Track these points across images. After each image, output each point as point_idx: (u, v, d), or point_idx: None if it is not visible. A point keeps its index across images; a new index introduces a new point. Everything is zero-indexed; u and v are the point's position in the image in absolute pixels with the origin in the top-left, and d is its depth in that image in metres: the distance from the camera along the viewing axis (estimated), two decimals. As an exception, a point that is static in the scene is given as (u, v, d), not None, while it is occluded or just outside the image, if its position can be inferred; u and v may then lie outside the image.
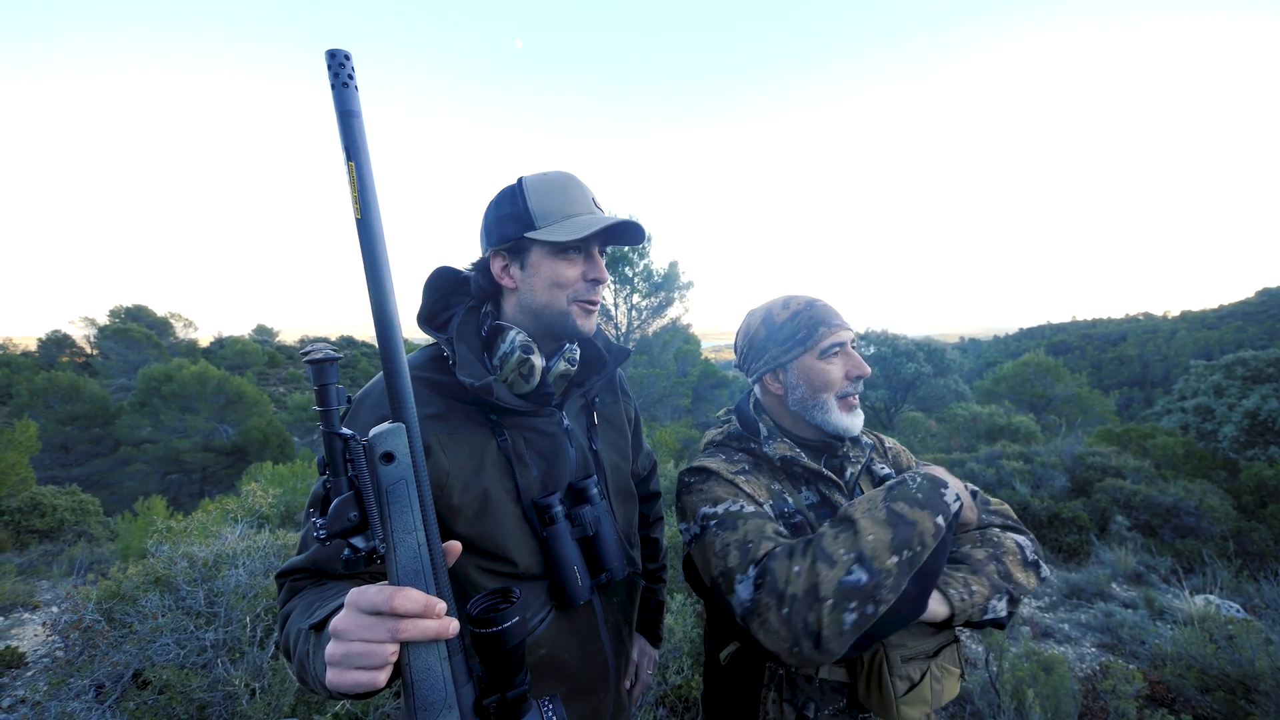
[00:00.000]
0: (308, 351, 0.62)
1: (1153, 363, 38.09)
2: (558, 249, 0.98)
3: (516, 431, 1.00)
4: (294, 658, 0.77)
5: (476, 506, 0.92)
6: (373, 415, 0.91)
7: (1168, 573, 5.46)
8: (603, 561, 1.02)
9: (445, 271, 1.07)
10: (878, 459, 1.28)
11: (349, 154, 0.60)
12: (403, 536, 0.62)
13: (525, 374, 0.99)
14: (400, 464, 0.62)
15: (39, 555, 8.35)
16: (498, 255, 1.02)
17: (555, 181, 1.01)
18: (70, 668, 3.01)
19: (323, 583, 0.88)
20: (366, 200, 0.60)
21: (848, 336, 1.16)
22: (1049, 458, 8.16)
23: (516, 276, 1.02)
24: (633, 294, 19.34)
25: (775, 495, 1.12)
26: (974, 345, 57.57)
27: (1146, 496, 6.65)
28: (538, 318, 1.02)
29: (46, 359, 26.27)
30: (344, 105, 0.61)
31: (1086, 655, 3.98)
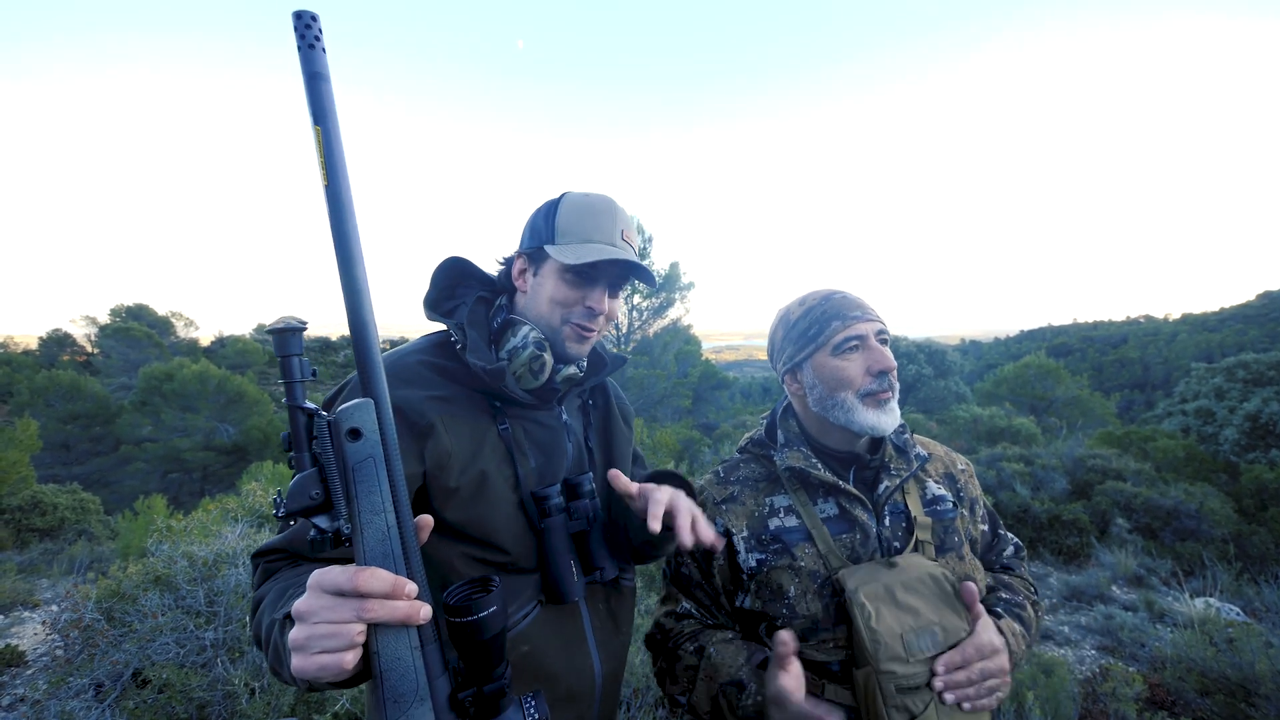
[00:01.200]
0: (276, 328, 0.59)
1: (1154, 365, 38.03)
2: (564, 268, 0.99)
3: (517, 422, 1.01)
4: (268, 648, 0.74)
5: (473, 489, 0.91)
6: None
7: (1168, 575, 5.45)
8: (594, 559, 1.00)
9: (455, 262, 1.07)
10: (934, 477, 1.16)
11: (316, 118, 0.58)
12: (370, 517, 0.59)
13: (535, 370, 0.99)
14: (368, 441, 0.59)
15: (39, 554, 8.36)
16: (521, 257, 1.05)
17: (589, 205, 1.02)
18: (70, 666, 3.01)
19: (299, 565, 0.85)
20: (334, 166, 0.59)
21: (867, 329, 1.08)
22: (1049, 460, 8.15)
23: (529, 283, 1.04)
24: (633, 294, 19.34)
25: (757, 521, 1.10)
26: (975, 347, 57.53)
27: (1147, 499, 6.64)
28: (536, 325, 1.03)
29: (47, 358, 26.29)
30: (311, 67, 0.59)
31: (1086, 658, 3.97)
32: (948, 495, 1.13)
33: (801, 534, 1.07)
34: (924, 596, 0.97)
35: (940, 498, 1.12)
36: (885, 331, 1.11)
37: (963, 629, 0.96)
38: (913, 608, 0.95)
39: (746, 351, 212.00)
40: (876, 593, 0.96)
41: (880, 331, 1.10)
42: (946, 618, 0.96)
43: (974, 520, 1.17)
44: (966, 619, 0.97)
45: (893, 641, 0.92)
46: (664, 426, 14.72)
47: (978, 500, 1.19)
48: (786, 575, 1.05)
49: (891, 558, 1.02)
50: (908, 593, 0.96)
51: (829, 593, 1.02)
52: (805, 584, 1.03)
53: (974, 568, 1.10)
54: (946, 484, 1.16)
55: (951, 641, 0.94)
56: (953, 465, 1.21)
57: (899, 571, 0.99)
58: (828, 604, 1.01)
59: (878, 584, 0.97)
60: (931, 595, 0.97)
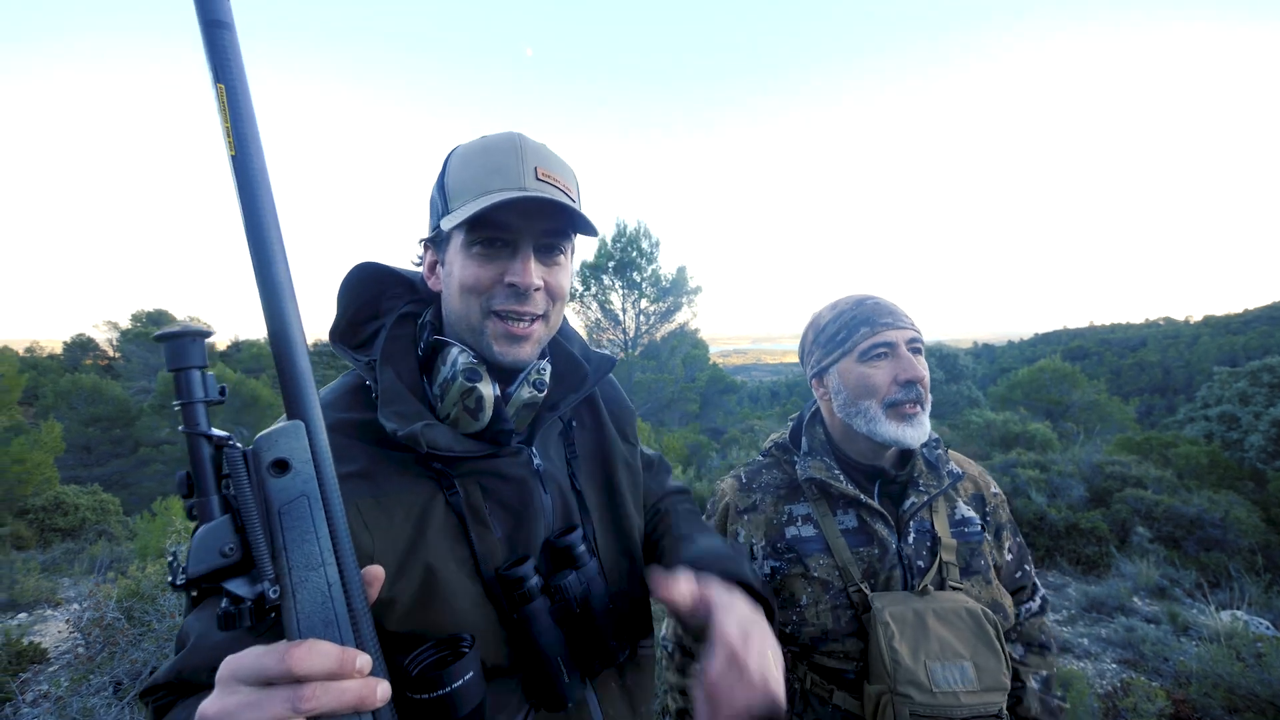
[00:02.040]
0: (167, 333, 0.46)
1: (1174, 369, 37.30)
2: (469, 238, 0.73)
3: (471, 480, 0.75)
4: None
5: (418, 592, 0.68)
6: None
7: (1192, 587, 5.32)
8: (599, 642, 0.76)
9: (369, 269, 0.81)
10: (964, 498, 1.11)
11: (217, 74, 0.46)
12: (304, 574, 0.46)
13: (472, 408, 0.74)
14: (298, 475, 0.47)
15: (61, 553, 8.52)
16: (427, 249, 0.81)
17: (481, 147, 0.76)
18: (91, 664, 3.06)
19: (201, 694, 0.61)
20: (242, 133, 0.47)
21: (898, 337, 1.04)
22: (1066, 466, 8.01)
23: (441, 277, 0.80)
24: (640, 299, 19.36)
25: (775, 529, 1.09)
26: (988, 351, 56.80)
27: (1169, 507, 6.50)
28: (461, 335, 0.78)
29: (71, 361, 26.86)
30: (210, 14, 0.47)
31: (1107, 671, 3.89)
32: (976, 518, 1.10)
33: (818, 544, 1.05)
34: (958, 630, 0.93)
35: (969, 519, 1.09)
36: (918, 340, 1.06)
37: (1001, 673, 0.91)
38: (943, 639, 0.92)
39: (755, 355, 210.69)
40: (903, 616, 0.94)
41: (913, 340, 1.06)
42: (982, 656, 0.91)
43: (999, 547, 1.13)
44: (1006, 663, 0.92)
45: (914, 665, 0.90)
46: (671, 431, 14.69)
47: (1004, 528, 1.14)
48: (799, 584, 1.04)
49: (925, 587, 0.99)
50: (939, 622, 0.94)
51: (845, 605, 1.01)
52: (818, 594, 1.03)
53: (1001, 594, 1.06)
54: (975, 505, 1.12)
55: (987, 683, 0.89)
56: (985, 488, 1.16)
57: (932, 600, 0.97)
58: (841, 616, 1.00)
59: (906, 608, 0.95)
60: (967, 631, 0.94)
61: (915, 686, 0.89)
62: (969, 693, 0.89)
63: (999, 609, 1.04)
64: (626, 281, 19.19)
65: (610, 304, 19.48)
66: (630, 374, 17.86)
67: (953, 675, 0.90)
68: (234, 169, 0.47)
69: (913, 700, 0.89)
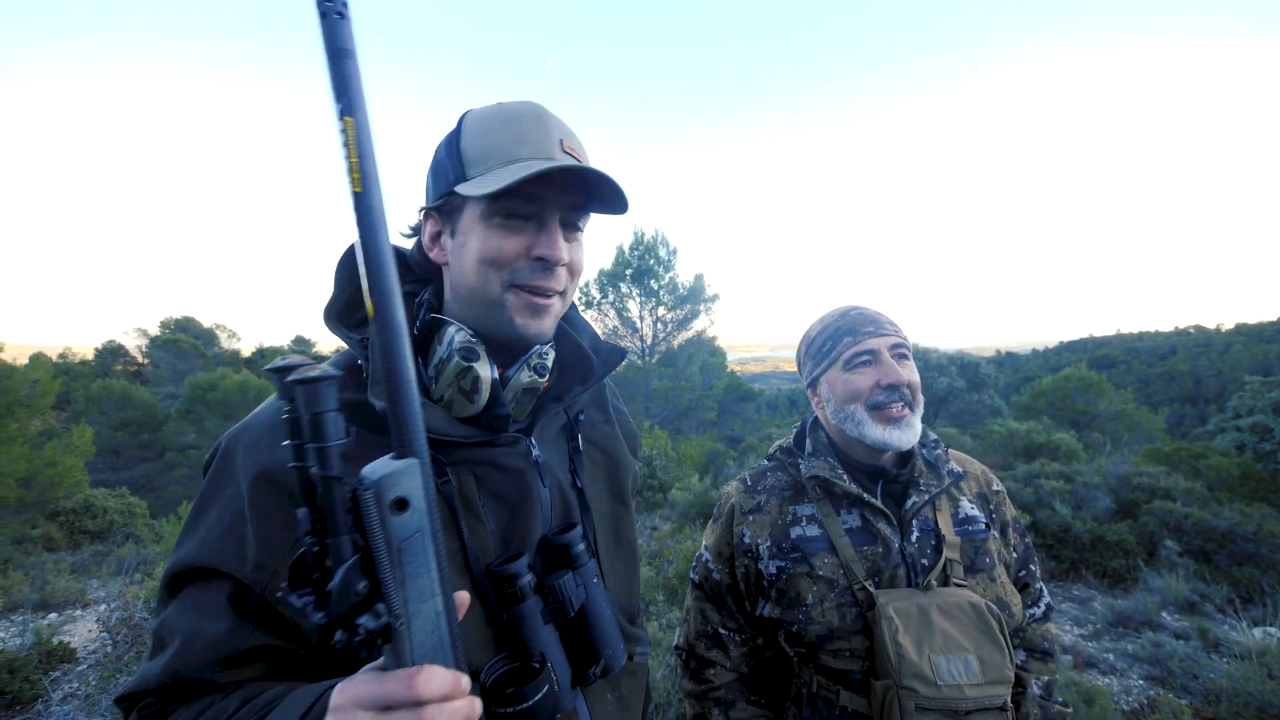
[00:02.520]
0: (284, 367, 0.45)
1: (1206, 378, 36.24)
2: (495, 207, 0.69)
3: (464, 468, 0.72)
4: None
5: None
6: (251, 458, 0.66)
7: (1223, 602, 5.15)
8: (595, 648, 0.73)
9: None
10: (968, 496, 1.14)
11: (345, 109, 0.44)
12: (419, 605, 0.48)
13: (468, 390, 0.71)
14: (415, 511, 0.48)
15: (90, 555, 8.76)
16: (429, 217, 0.76)
17: (504, 113, 0.72)
18: (119, 663, 3.15)
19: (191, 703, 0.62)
20: (367, 170, 0.45)
21: (879, 344, 1.08)
22: (1092, 477, 7.82)
23: (447, 248, 0.75)
24: (658, 306, 19.41)
25: (780, 529, 1.12)
26: (1011, 359, 55.75)
27: (1199, 520, 6.31)
28: (472, 309, 0.75)
29: (102, 367, 27.69)
30: (336, 42, 0.45)
31: (1133, 688, 3.78)
32: (980, 516, 1.12)
33: (823, 543, 1.07)
34: (961, 624, 0.95)
35: (973, 518, 1.11)
36: (903, 345, 1.10)
37: (1005, 666, 0.92)
38: (947, 632, 0.94)
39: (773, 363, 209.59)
40: (907, 610, 0.96)
41: (896, 345, 1.10)
42: (986, 650, 0.93)
43: (1005, 544, 1.15)
44: (1009, 656, 0.94)
45: (918, 659, 0.91)
46: (689, 439, 14.64)
47: (1009, 525, 1.17)
48: (804, 583, 1.06)
49: (928, 583, 1.01)
50: (943, 617, 0.95)
51: (850, 602, 1.02)
52: (823, 592, 1.04)
53: (1007, 592, 1.07)
54: (979, 504, 1.14)
55: (991, 676, 0.91)
56: (987, 485, 1.19)
57: (935, 595, 0.98)
58: (846, 614, 1.02)
59: (910, 603, 0.96)
60: (970, 624, 0.95)
61: (920, 680, 0.90)
62: (973, 685, 0.90)
63: (1004, 606, 1.04)
64: (644, 289, 19.26)
65: (628, 312, 19.57)
66: (647, 382, 17.88)
67: (957, 668, 0.91)
68: (356, 206, 0.46)
69: (918, 693, 0.90)
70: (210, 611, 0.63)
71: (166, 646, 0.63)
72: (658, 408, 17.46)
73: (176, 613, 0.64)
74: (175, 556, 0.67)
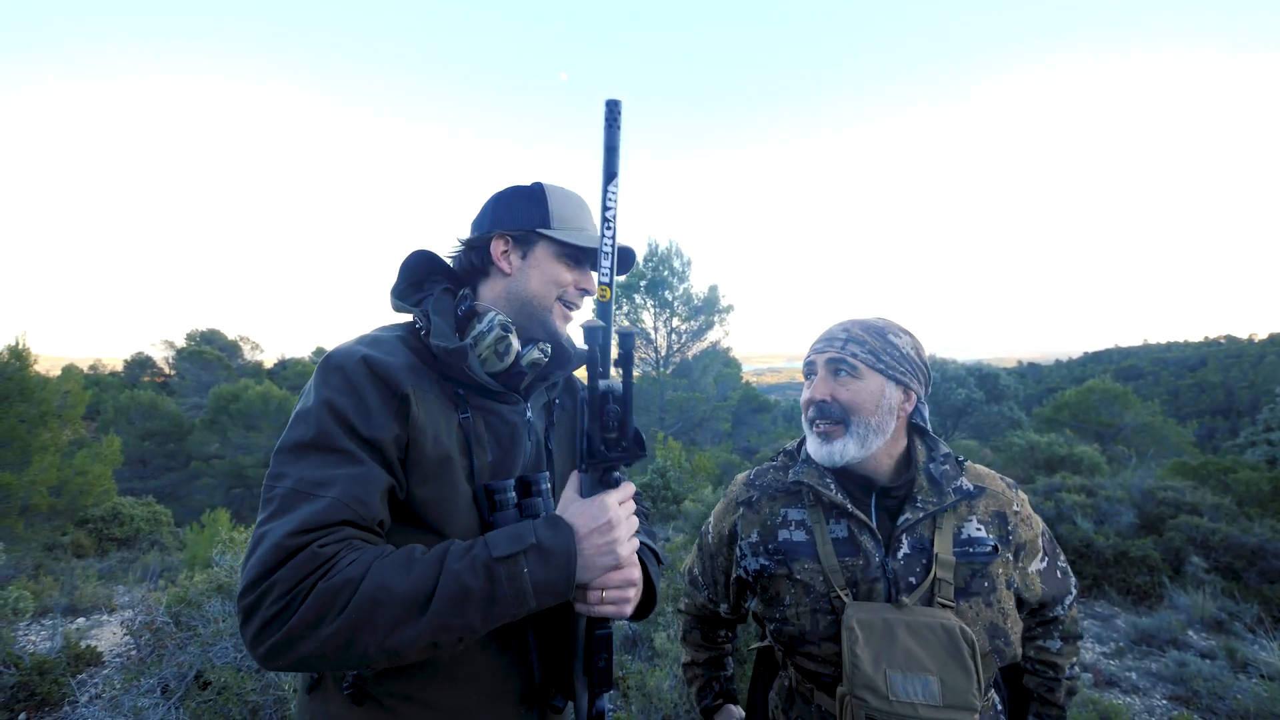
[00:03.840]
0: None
1: (1238, 390, 35.11)
2: (565, 251, 1.03)
3: (479, 413, 0.99)
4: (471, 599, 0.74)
5: (439, 468, 0.90)
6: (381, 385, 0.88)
7: (1253, 621, 4.99)
8: None
9: (422, 255, 1.08)
10: (980, 515, 1.08)
11: (606, 225, 0.87)
12: None
13: (500, 352, 0.99)
14: None
15: (117, 562, 8.98)
16: (501, 238, 1.04)
17: (573, 198, 1.08)
18: (142, 666, 3.24)
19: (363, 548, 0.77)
20: (614, 284, 0.73)
21: (817, 358, 1.12)
22: (1115, 491, 7.64)
23: (514, 264, 1.04)
24: (672, 317, 19.45)
25: (768, 529, 1.15)
26: (1034, 370, 54.60)
27: (1227, 536, 6.12)
28: (522, 308, 1.05)
29: (131, 379, 28.49)
30: (611, 169, 0.87)
31: (1156, 708, 3.68)
32: (988, 538, 1.06)
33: (807, 550, 1.09)
34: (928, 645, 0.94)
35: (978, 539, 1.06)
36: (842, 361, 1.08)
37: (969, 693, 0.91)
38: (909, 650, 0.94)
39: (789, 374, 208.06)
40: (871, 623, 0.97)
41: (834, 361, 1.09)
42: (950, 673, 0.92)
43: (1019, 566, 1.10)
44: (978, 683, 0.92)
45: (873, 672, 0.92)
46: (703, 450, 14.59)
47: (1027, 546, 1.12)
48: (784, 585, 1.09)
49: (902, 601, 1.00)
50: (910, 634, 0.95)
51: (825, 609, 1.04)
52: (799, 596, 1.07)
53: (1005, 617, 1.04)
54: (995, 524, 1.09)
55: (951, 700, 0.90)
56: (1007, 505, 1.11)
57: (907, 613, 0.98)
58: (820, 620, 1.03)
59: (877, 617, 0.97)
60: (938, 646, 0.94)
61: (871, 691, 0.91)
62: (929, 706, 0.90)
63: (999, 633, 1.01)
64: (658, 300, 19.34)
65: (642, 322, 19.65)
66: (662, 393, 17.87)
67: (914, 687, 0.91)
68: (600, 311, 0.76)
69: (868, 704, 0.91)
70: (352, 462, 0.82)
71: (321, 492, 0.77)
72: (672, 419, 17.44)
73: (317, 464, 0.80)
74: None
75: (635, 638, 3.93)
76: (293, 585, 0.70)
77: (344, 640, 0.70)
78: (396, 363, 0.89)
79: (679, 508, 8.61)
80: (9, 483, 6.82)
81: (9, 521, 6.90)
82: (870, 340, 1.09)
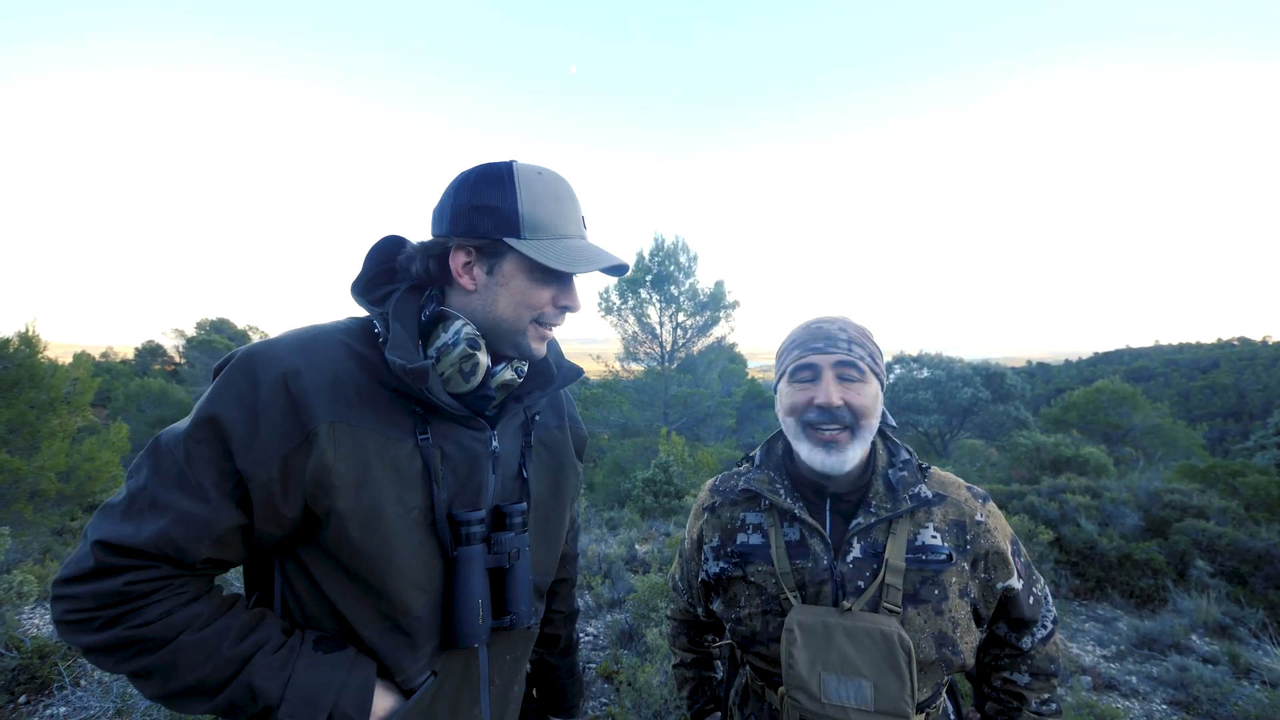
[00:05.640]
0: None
1: (1250, 392, 34.66)
2: (541, 270, 0.85)
3: (436, 439, 0.85)
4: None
5: (364, 515, 0.78)
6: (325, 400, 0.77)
7: (1257, 627, 4.93)
8: (508, 602, 0.88)
9: (393, 242, 0.92)
10: (937, 522, 1.05)
11: None
12: None
13: (466, 372, 0.85)
14: None
15: (123, 547, 9.08)
16: (462, 249, 0.86)
17: (552, 189, 0.86)
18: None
19: (181, 586, 0.74)
20: None
21: (823, 361, 1.03)
22: (1120, 493, 7.56)
23: (480, 280, 0.87)
24: (678, 313, 19.39)
25: (728, 533, 1.16)
26: (1043, 370, 54.07)
27: (1233, 540, 6.05)
28: (490, 329, 0.89)
29: (141, 367, 28.83)
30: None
31: (1156, 713, 3.64)
32: (944, 546, 1.03)
33: (762, 552, 1.09)
34: (864, 650, 0.94)
35: (932, 547, 1.03)
36: (851, 365, 1.03)
37: (901, 699, 0.91)
38: (845, 654, 0.94)
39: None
40: (810, 626, 0.97)
41: (842, 364, 1.03)
42: (884, 679, 0.92)
43: (976, 576, 1.05)
44: (911, 690, 0.91)
45: (807, 674, 0.94)
46: (707, 446, 14.58)
47: (989, 557, 1.06)
48: (740, 587, 1.11)
49: (847, 606, 0.98)
50: (847, 640, 0.95)
51: (775, 611, 1.05)
52: (753, 598, 1.08)
53: (956, 627, 1.01)
54: (952, 532, 1.05)
55: (883, 706, 0.91)
56: (969, 514, 1.08)
57: (848, 618, 0.97)
58: (770, 622, 1.05)
59: (817, 620, 0.98)
60: (874, 652, 0.93)
61: (804, 693, 0.94)
62: (861, 711, 0.91)
63: (946, 641, 0.99)
64: (664, 295, 19.27)
65: (647, 318, 19.59)
66: (666, 388, 17.86)
67: (847, 690, 0.92)
68: None
69: (802, 705, 0.95)
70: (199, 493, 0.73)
71: (151, 515, 0.71)
72: (676, 414, 17.43)
73: (158, 482, 0.72)
74: None
75: (630, 631, 3.93)
76: (94, 609, 0.69)
77: (130, 675, 0.71)
78: (322, 382, 0.76)
79: (680, 503, 8.62)
80: (18, 468, 6.92)
81: (18, 506, 7.00)
82: (867, 342, 1.08)
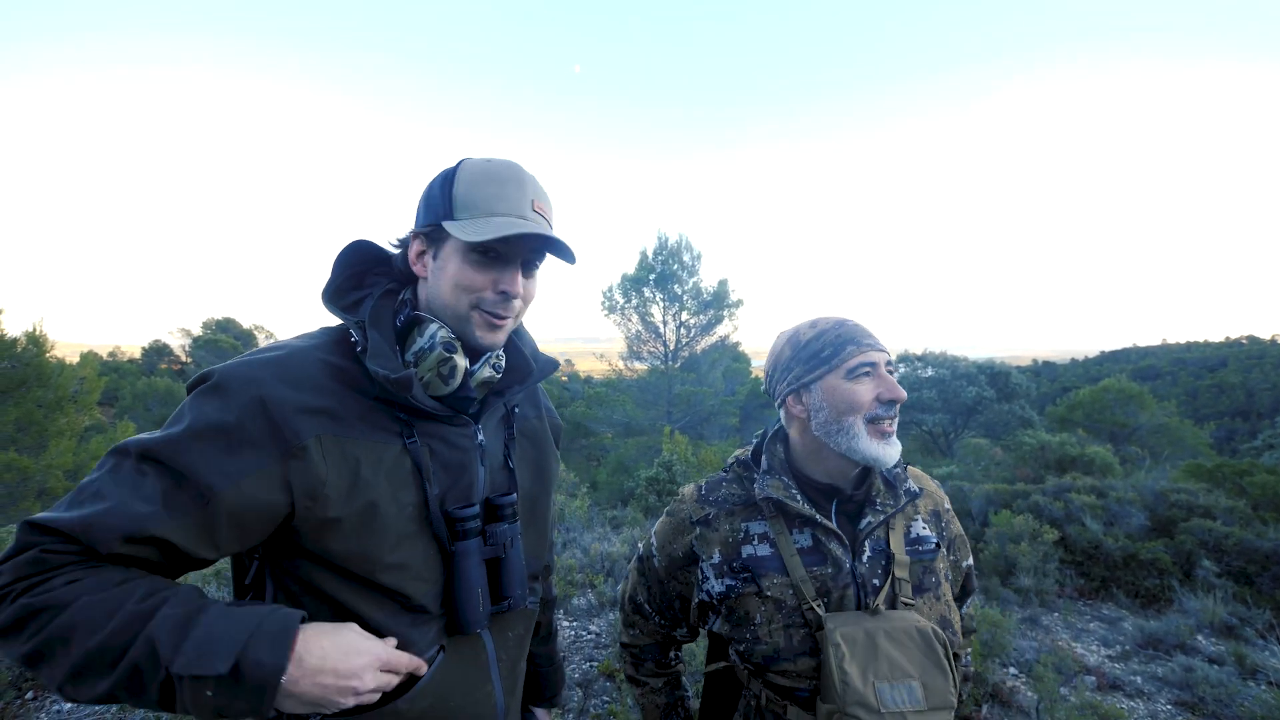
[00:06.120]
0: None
1: (1259, 391, 34.36)
2: (468, 247, 0.86)
3: (424, 439, 0.88)
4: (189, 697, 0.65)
5: (359, 520, 0.80)
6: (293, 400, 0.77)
7: (1264, 627, 4.89)
8: (504, 587, 0.93)
9: (362, 246, 0.93)
10: (923, 515, 1.13)
11: None
12: None
13: (445, 375, 0.87)
14: None
15: (130, 545, 9.14)
16: (417, 238, 0.91)
17: (491, 172, 0.88)
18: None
19: (93, 566, 0.69)
20: None
21: (880, 358, 1.05)
22: (1126, 493, 7.51)
23: (429, 267, 0.91)
24: (681, 311, 19.38)
25: (731, 546, 1.10)
26: (1049, 368, 53.76)
27: (1240, 540, 6.00)
28: (439, 316, 0.91)
29: (148, 366, 28.98)
30: None
31: (1160, 713, 3.62)
32: (932, 535, 1.11)
33: (774, 563, 1.05)
34: (907, 650, 0.94)
35: (924, 538, 1.10)
36: (894, 364, 1.10)
37: (948, 691, 0.92)
38: (892, 658, 0.93)
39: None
40: (854, 636, 0.94)
41: (889, 363, 1.08)
42: (931, 676, 0.93)
43: (950, 559, 1.16)
44: (954, 680, 0.93)
45: (862, 686, 0.91)
46: (710, 444, 14.55)
47: (956, 541, 1.19)
48: (753, 603, 1.05)
49: (876, 606, 0.99)
50: (890, 642, 0.94)
51: (799, 624, 1.01)
52: (771, 613, 1.03)
53: (951, 610, 1.07)
54: (932, 522, 1.14)
55: (934, 703, 0.91)
56: (940, 503, 1.19)
57: (883, 619, 0.97)
58: (794, 635, 1.00)
59: (859, 628, 0.95)
60: (916, 650, 0.94)
61: (863, 707, 0.90)
62: (916, 712, 0.90)
63: (947, 625, 1.04)
64: (667, 294, 19.25)
65: (651, 316, 19.58)
66: (670, 387, 17.84)
67: (900, 695, 0.90)
68: None
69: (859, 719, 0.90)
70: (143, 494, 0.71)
71: (93, 498, 0.71)
72: (679, 413, 17.43)
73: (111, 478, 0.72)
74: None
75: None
76: (10, 583, 0.66)
77: (32, 662, 0.66)
78: (302, 400, 0.77)
79: (683, 502, 8.60)
80: (26, 466, 6.97)
81: (26, 504, 7.06)
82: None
